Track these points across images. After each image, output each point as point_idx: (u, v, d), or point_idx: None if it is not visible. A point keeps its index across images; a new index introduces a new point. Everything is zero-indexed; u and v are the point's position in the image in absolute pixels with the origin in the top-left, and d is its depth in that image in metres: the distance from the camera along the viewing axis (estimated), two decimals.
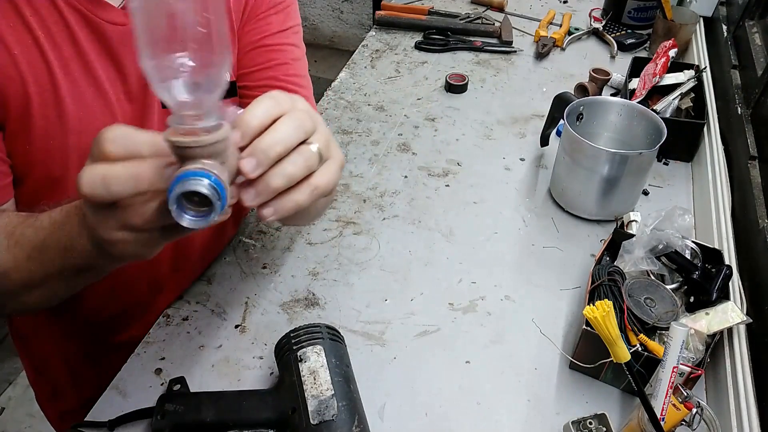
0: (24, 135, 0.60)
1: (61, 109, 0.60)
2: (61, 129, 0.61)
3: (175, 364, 0.70)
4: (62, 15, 0.59)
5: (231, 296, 0.78)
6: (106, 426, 0.62)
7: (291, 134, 0.44)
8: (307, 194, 0.46)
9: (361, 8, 3.04)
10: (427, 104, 1.17)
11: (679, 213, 0.76)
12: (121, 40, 0.63)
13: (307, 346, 0.61)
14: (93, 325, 0.81)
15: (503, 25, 1.42)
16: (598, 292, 0.69)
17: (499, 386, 0.69)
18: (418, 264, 0.83)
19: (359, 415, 0.57)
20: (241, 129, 0.42)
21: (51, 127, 0.61)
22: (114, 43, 0.63)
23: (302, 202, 0.46)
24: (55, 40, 0.59)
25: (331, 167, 0.48)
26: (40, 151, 0.61)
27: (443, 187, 0.97)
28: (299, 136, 0.44)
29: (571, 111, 0.89)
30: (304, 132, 0.45)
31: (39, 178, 0.63)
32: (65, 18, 0.59)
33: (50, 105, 0.60)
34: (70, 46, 0.60)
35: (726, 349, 0.68)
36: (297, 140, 0.44)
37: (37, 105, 0.59)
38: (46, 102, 0.60)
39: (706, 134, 1.01)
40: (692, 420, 0.57)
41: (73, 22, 0.60)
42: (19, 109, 0.59)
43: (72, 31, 0.60)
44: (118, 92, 0.65)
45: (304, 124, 0.44)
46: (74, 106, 0.61)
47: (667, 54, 1.09)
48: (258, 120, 0.43)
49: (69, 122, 0.61)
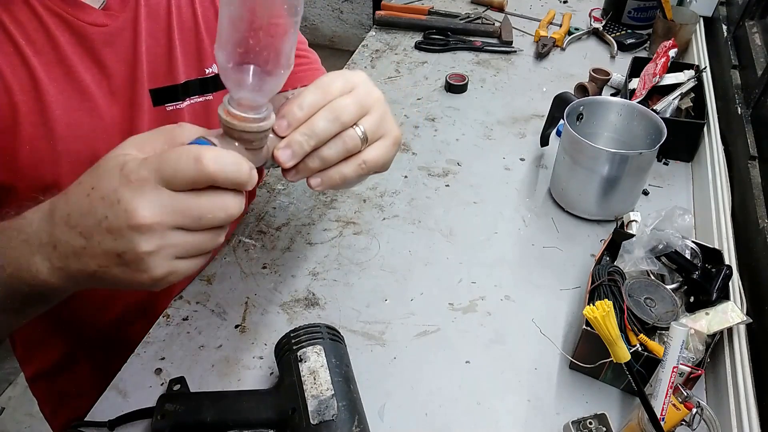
0: (12, 143, 0.59)
1: (47, 115, 0.60)
2: (48, 135, 0.60)
3: (175, 364, 0.70)
4: (42, 20, 0.58)
5: (231, 296, 0.78)
6: (106, 426, 0.62)
7: (327, 128, 0.47)
8: (353, 168, 0.50)
9: (361, 8, 3.05)
10: (427, 104, 1.17)
11: (679, 213, 0.76)
12: (103, 42, 0.63)
13: (307, 346, 0.61)
14: (94, 327, 0.81)
15: (503, 25, 1.42)
16: (598, 292, 0.69)
17: (499, 386, 0.69)
18: (418, 264, 0.83)
19: (359, 415, 0.57)
20: (286, 119, 0.46)
21: (38, 133, 0.60)
22: (96, 45, 0.62)
23: (349, 175, 0.50)
24: (36, 46, 0.58)
25: (382, 144, 0.52)
26: (29, 159, 0.60)
27: (443, 187, 0.97)
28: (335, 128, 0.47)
29: (571, 111, 0.89)
30: (341, 124, 0.48)
31: (30, 187, 0.62)
32: (45, 23, 0.58)
33: (36, 112, 0.59)
34: (52, 51, 0.59)
35: (726, 349, 0.68)
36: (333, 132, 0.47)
37: (23, 113, 0.58)
38: (32, 109, 0.59)
39: (706, 134, 1.01)
40: (692, 420, 0.57)
41: (54, 27, 0.59)
42: (6, 119, 0.58)
43: (53, 36, 0.59)
44: (104, 94, 0.64)
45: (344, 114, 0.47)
46: (60, 112, 0.60)
47: (667, 54, 1.09)
48: (303, 112, 0.46)
49: (56, 128, 0.60)
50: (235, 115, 0.43)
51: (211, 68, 0.74)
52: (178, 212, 0.40)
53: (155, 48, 0.68)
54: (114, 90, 0.65)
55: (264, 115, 0.44)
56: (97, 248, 0.41)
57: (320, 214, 0.91)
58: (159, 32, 0.68)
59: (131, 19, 0.65)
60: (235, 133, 0.44)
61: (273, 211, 0.92)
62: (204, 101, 0.75)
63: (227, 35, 0.41)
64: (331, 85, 0.48)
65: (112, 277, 0.42)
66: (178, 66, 0.70)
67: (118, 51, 0.65)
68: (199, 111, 0.74)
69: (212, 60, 0.74)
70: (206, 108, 0.75)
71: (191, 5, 0.71)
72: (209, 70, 0.74)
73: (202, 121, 0.75)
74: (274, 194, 0.95)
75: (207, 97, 0.75)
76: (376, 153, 0.51)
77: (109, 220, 0.40)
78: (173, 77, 0.70)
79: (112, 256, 0.41)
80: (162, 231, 0.40)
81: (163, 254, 0.41)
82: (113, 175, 0.40)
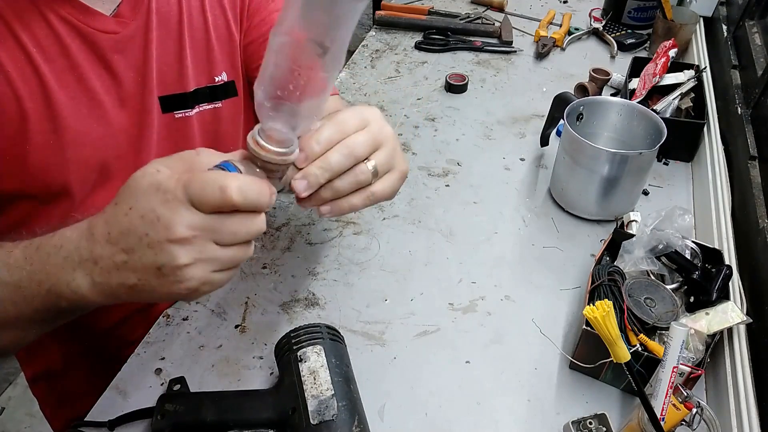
0: (22, 150, 0.59)
1: (58, 122, 0.60)
2: (58, 142, 0.61)
3: (175, 364, 0.70)
4: (53, 28, 0.58)
5: (231, 296, 0.78)
6: (106, 426, 0.62)
7: (341, 162, 0.51)
8: (362, 199, 0.54)
9: None
10: (427, 104, 1.17)
11: (679, 213, 0.76)
12: (114, 48, 0.63)
13: (307, 346, 0.61)
14: (94, 328, 0.81)
15: (503, 25, 1.42)
16: (598, 292, 0.69)
17: (499, 386, 0.69)
18: (418, 264, 0.83)
19: (359, 415, 0.57)
20: (305, 152, 0.50)
21: (48, 140, 0.60)
22: (107, 52, 0.62)
23: (357, 205, 0.54)
24: (47, 53, 0.58)
25: (390, 178, 0.56)
26: (38, 166, 0.61)
27: (443, 187, 0.97)
28: (349, 162, 0.52)
29: (571, 111, 0.89)
30: (354, 158, 0.52)
31: (38, 194, 0.63)
32: (56, 31, 0.59)
33: (46, 119, 0.59)
34: (63, 59, 0.60)
35: (726, 349, 0.68)
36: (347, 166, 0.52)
37: (33, 121, 0.58)
38: (42, 117, 0.59)
39: (706, 134, 1.01)
40: (692, 420, 0.57)
41: (65, 34, 0.59)
42: (16, 126, 0.58)
43: (64, 44, 0.59)
44: (114, 101, 0.64)
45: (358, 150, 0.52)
46: (71, 119, 0.61)
47: (667, 54, 1.09)
48: (320, 147, 0.50)
49: (66, 135, 0.61)
50: (263, 146, 0.46)
51: (221, 76, 0.74)
52: (209, 230, 0.44)
53: (165, 55, 0.68)
54: (124, 97, 0.65)
55: (290, 150, 0.48)
56: (137, 262, 0.44)
57: None
58: (169, 40, 0.68)
59: (142, 26, 0.65)
60: (259, 162, 0.47)
61: (273, 211, 0.92)
62: (213, 109, 0.75)
63: (270, 76, 0.45)
64: (347, 123, 0.52)
65: (151, 289, 0.45)
66: (188, 74, 0.70)
67: (129, 58, 0.65)
68: (207, 118, 0.75)
69: (222, 68, 0.74)
70: (215, 115, 0.75)
71: (202, 14, 0.71)
72: (219, 78, 0.74)
73: (210, 128, 0.75)
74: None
75: (216, 104, 0.75)
76: (384, 186, 0.55)
77: (150, 236, 0.43)
78: (183, 85, 0.70)
79: (152, 270, 0.44)
80: (198, 245, 0.44)
81: (198, 266, 0.44)
82: (150, 195, 0.43)
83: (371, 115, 0.54)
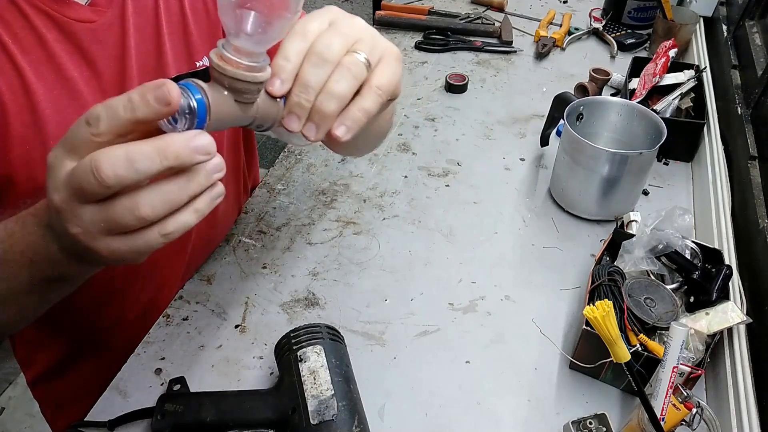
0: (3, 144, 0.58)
1: (37, 114, 0.59)
2: (39, 135, 0.60)
3: (175, 364, 0.70)
4: (28, 18, 0.57)
5: (231, 296, 0.78)
6: (106, 426, 0.62)
7: (318, 73, 0.44)
8: (371, 97, 0.47)
9: (361, 8, 3.05)
10: (427, 104, 1.17)
11: (679, 213, 0.76)
12: (91, 38, 0.62)
13: (307, 346, 0.61)
14: (94, 328, 0.81)
15: (503, 25, 1.42)
16: (598, 292, 0.69)
17: (499, 386, 0.69)
18: (418, 264, 0.83)
19: (359, 415, 0.57)
20: (278, 76, 0.43)
21: (29, 133, 0.59)
22: (84, 42, 0.61)
23: (369, 107, 0.47)
24: (23, 44, 0.57)
25: (387, 64, 0.48)
26: (21, 159, 0.60)
27: (443, 187, 0.97)
28: (327, 70, 0.44)
29: (571, 111, 0.89)
30: (331, 63, 0.45)
31: (24, 187, 0.62)
32: (31, 21, 0.58)
33: (26, 111, 0.59)
34: (40, 50, 0.59)
35: (726, 349, 0.68)
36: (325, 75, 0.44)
37: (13, 113, 0.58)
38: (22, 109, 0.58)
39: (706, 134, 1.01)
40: (692, 420, 0.57)
41: (41, 25, 0.58)
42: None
43: (40, 34, 0.58)
44: (94, 91, 0.64)
45: (332, 51, 0.44)
46: (50, 110, 0.60)
47: (667, 54, 1.09)
48: (290, 62, 0.44)
49: (46, 127, 0.60)
50: (229, 59, 0.39)
51: (202, 61, 0.73)
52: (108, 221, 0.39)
53: (144, 43, 0.67)
54: (104, 87, 0.65)
55: (260, 65, 0.41)
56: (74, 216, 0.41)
57: (320, 214, 0.91)
58: (147, 27, 0.67)
59: (118, 14, 0.64)
60: (225, 80, 0.40)
61: (273, 211, 0.92)
62: None
63: None
64: (309, 28, 0.45)
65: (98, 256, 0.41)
66: (167, 60, 0.69)
67: (107, 47, 0.64)
68: None
69: (202, 53, 0.73)
70: None
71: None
72: (200, 63, 0.73)
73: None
74: (274, 194, 0.95)
75: None
76: (384, 73, 0.48)
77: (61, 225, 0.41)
78: (163, 72, 0.69)
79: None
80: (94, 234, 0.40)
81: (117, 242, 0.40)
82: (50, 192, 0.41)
83: (333, 14, 0.48)
